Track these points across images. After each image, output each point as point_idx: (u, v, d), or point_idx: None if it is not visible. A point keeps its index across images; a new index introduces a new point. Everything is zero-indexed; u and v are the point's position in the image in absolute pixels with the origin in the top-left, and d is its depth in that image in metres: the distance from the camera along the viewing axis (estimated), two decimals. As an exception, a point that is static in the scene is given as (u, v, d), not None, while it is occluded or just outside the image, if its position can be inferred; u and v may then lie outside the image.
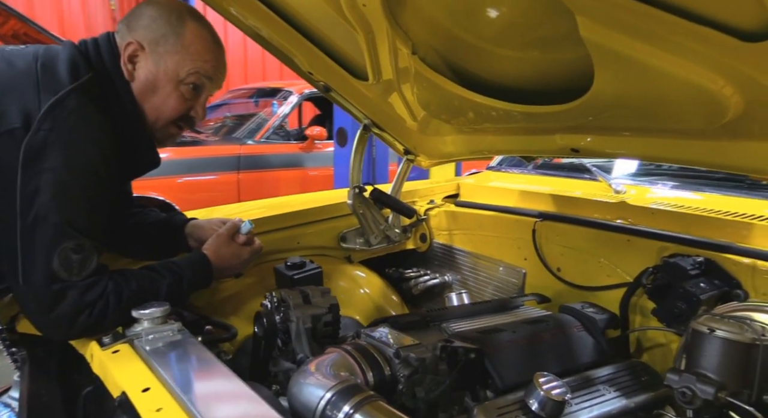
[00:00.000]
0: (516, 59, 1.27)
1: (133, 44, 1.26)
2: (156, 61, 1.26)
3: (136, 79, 1.28)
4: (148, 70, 1.27)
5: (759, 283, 1.23)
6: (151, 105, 1.29)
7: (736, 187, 1.62)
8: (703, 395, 0.88)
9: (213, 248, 1.41)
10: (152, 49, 1.26)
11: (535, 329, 1.25)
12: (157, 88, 1.28)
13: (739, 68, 0.88)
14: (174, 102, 1.30)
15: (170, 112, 1.31)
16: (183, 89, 1.29)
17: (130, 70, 1.27)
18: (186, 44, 1.27)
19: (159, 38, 1.25)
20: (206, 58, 1.30)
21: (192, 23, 1.29)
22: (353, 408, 0.89)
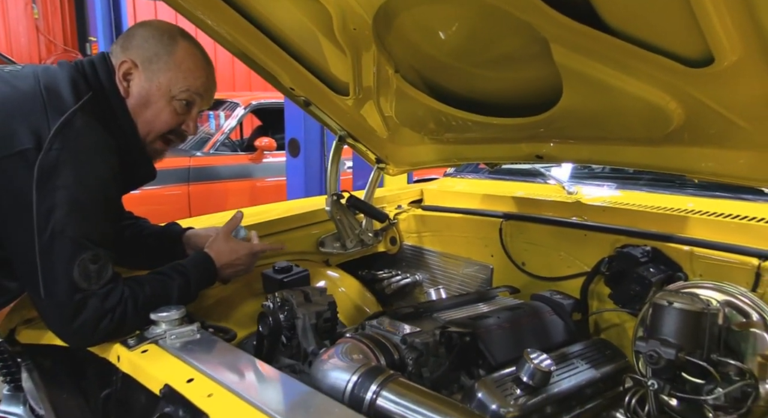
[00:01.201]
0: (489, 77, 1.44)
1: (127, 63, 1.33)
2: (149, 78, 1.33)
3: (131, 95, 1.34)
4: (141, 87, 1.34)
5: (696, 266, 1.45)
6: (144, 119, 1.36)
7: (667, 186, 1.87)
8: (667, 356, 1.07)
9: (213, 247, 1.48)
10: (145, 66, 1.33)
11: (515, 315, 1.42)
12: (150, 103, 1.35)
13: (683, 88, 1.08)
14: (166, 116, 1.37)
15: (162, 125, 1.38)
16: (175, 104, 1.35)
17: (125, 87, 1.34)
18: (178, 62, 1.34)
19: (152, 56, 1.33)
20: (197, 76, 1.38)
21: (183, 42, 1.37)
22: (380, 386, 1.01)
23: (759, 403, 1.10)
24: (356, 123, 1.87)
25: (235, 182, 4.66)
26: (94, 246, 1.18)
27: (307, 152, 4.06)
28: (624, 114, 1.26)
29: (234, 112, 4.97)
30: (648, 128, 1.27)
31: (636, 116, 1.24)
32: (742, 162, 1.24)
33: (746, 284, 1.33)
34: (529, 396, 1.15)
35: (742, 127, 1.13)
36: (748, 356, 1.13)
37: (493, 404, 1.11)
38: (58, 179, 1.16)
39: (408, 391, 1.00)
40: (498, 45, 1.32)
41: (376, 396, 0.99)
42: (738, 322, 1.17)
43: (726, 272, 1.37)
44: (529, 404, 1.14)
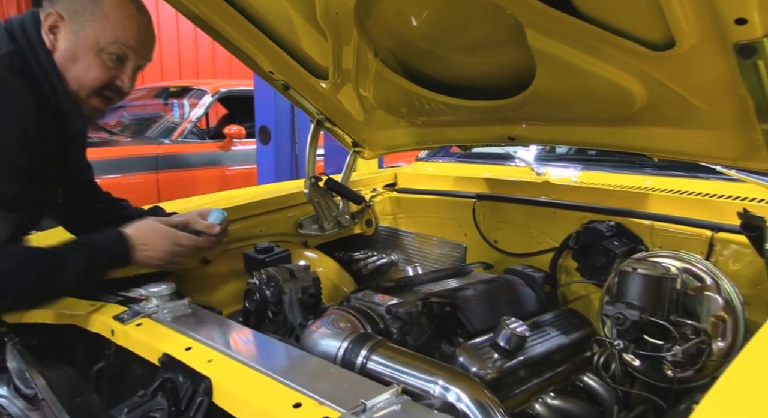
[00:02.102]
0: (464, 62, 1.50)
1: (53, 15, 1.29)
2: (75, 31, 1.29)
3: (58, 49, 1.30)
4: (68, 40, 1.29)
5: (656, 239, 1.56)
6: (73, 74, 1.31)
7: (628, 166, 1.98)
8: (632, 317, 1.16)
9: (135, 229, 1.35)
10: (72, 18, 1.29)
11: (491, 287, 1.50)
12: (78, 58, 1.30)
13: (647, 71, 1.16)
14: (96, 71, 1.31)
15: (92, 81, 1.32)
16: (104, 58, 1.31)
17: (52, 41, 1.30)
18: (105, 12, 1.29)
19: (78, 8, 1.29)
20: (127, 26, 1.32)
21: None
22: (369, 350, 1.07)
23: (712, 358, 1.21)
24: (334, 107, 1.91)
25: (204, 170, 4.64)
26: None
27: (277, 139, 4.08)
28: (592, 96, 1.34)
29: (201, 99, 4.92)
30: (613, 109, 1.35)
31: (603, 98, 1.33)
32: (699, 141, 1.35)
33: (701, 253, 1.44)
34: (505, 359, 1.23)
35: (700, 108, 1.23)
36: (702, 317, 1.24)
37: (473, 367, 1.18)
38: None
39: (396, 354, 1.06)
40: (474, 30, 1.38)
41: (366, 360, 1.05)
42: (694, 286, 1.27)
43: (683, 243, 1.48)
44: (506, 366, 1.22)
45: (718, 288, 1.26)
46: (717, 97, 1.15)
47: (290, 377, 0.88)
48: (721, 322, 1.23)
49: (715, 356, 1.21)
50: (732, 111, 1.16)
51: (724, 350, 1.22)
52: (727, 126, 1.22)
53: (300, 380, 0.87)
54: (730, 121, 1.20)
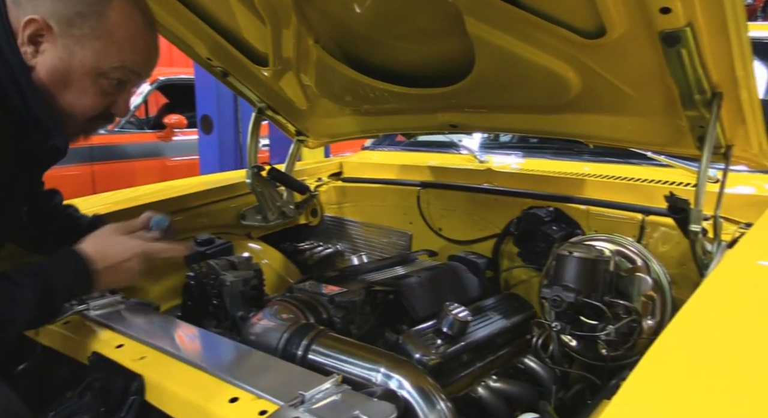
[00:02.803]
0: (406, 49, 1.50)
1: (36, 22, 0.98)
2: (68, 47, 1.00)
3: (40, 65, 1.01)
4: (57, 58, 1.00)
5: (591, 223, 1.61)
6: (62, 100, 1.03)
7: (567, 153, 2.04)
8: (568, 299, 1.19)
9: (93, 242, 1.07)
10: (64, 30, 0.99)
11: (435, 273, 1.51)
12: (70, 82, 1.02)
13: (581, 58, 1.19)
14: (91, 99, 1.05)
15: (85, 109, 1.06)
16: (103, 83, 1.04)
17: (31, 54, 1.00)
18: (110, 28, 1.01)
19: (74, 17, 0.99)
20: (136, 49, 1.06)
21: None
22: (310, 341, 1.06)
23: (642, 336, 1.26)
24: (276, 94, 1.87)
25: (143, 161, 4.47)
26: None
27: (220, 129, 3.97)
28: (529, 83, 1.36)
29: (139, 88, 4.72)
30: (550, 97, 1.38)
31: (540, 85, 1.35)
32: (631, 127, 1.40)
33: (633, 236, 1.50)
34: (448, 345, 1.24)
35: (630, 96, 1.27)
36: (634, 297, 1.29)
37: (417, 354, 1.19)
38: None
39: (338, 343, 1.06)
40: (415, 17, 1.37)
41: (307, 351, 1.03)
42: (626, 268, 1.33)
43: (616, 227, 1.54)
44: (449, 351, 1.23)
45: (648, 269, 1.31)
46: (646, 84, 1.19)
47: (227, 372, 0.86)
48: (650, 301, 1.29)
49: (646, 334, 1.27)
50: (660, 98, 1.21)
51: (653, 327, 1.28)
52: (656, 113, 1.27)
53: (237, 374, 0.85)
54: (659, 109, 1.24)
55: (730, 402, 0.61)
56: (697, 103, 1.12)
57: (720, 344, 0.74)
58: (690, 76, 1.05)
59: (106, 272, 1.05)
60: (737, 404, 0.61)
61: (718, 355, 0.71)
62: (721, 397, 0.62)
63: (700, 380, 0.66)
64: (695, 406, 0.60)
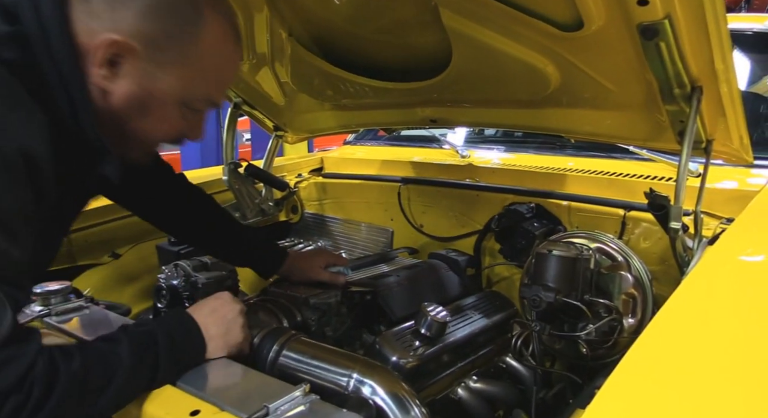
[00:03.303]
0: (384, 42, 1.46)
1: (117, 44, 0.78)
2: (150, 73, 0.82)
3: (117, 91, 0.82)
4: (136, 84, 0.82)
5: (573, 219, 1.59)
6: (136, 126, 0.86)
7: (550, 148, 2.02)
8: (547, 299, 1.17)
9: (204, 314, 0.94)
10: (149, 53, 0.81)
11: (414, 272, 1.48)
12: (148, 109, 0.85)
13: (559, 52, 1.16)
14: (168, 126, 0.89)
15: (160, 136, 0.91)
16: (184, 111, 0.88)
17: (107, 76, 0.80)
18: (201, 53, 0.84)
19: (161, 39, 0.81)
20: (225, 76, 0.92)
21: (212, 16, 0.84)
22: (281, 346, 1.02)
23: (624, 335, 1.24)
24: (252, 89, 1.82)
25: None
26: None
27: (201, 123, 3.90)
28: (508, 77, 1.33)
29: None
30: (530, 91, 1.35)
31: (519, 79, 1.32)
32: (612, 122, 1.37)
33: (614, 232, 1.48)
34: (427, 346, 1.21)
35: (611, 90, 1.24)
36: (614, 295, 1.27)
37: (394, 356, 1.15)
38: None
39: (310, 348, 1.02)
40: (392, 10, 1.34)
41: (276, 355, 1.00)
42: (607, 265, 1.30)
43: (598, 223, 1.52)
44: (427, 353, 1.20)
45: (629, 266, 1.29)
46: (626, 78, 1.17)
47: (190, 382, 0.82)
48: (631, 299, 1.26)
49: (627, 333, 1.25)
50: (640, 93, 1.18)
51: (634, 326, 1.26)
52: (636, 107, 1.25)
53: (200, 385, 0.81)
54: (639, 103, 1.22)
55: (712, 403, 0.59)
56: (676, 98, 1.09)
57: (700, 344, 0.71)
58: (669, 69, 1.02)
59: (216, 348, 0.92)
60: (718, 405, 0.58)
61: (698, 355, 0.69)
62: (702, 398, 0.60)
63: (679, 383, 0.63)
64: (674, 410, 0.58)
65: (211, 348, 0.90)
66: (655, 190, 1.17)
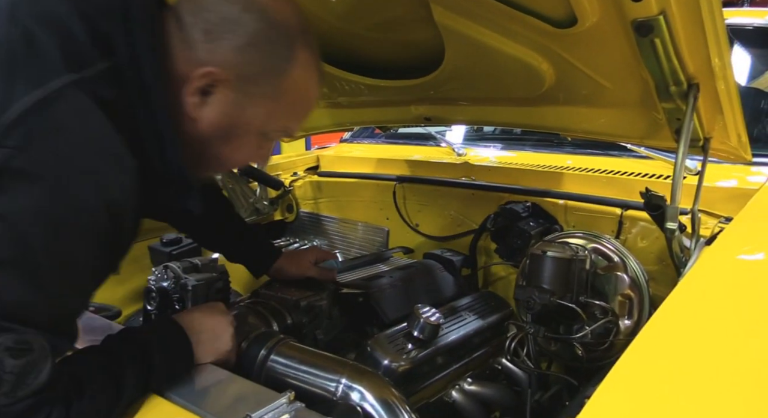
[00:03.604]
0: (379, 40, 1.43)
1: (213, 74, 0.80)
2: (239, 104, 0.83)
3: (204, 118, 0.83)
4: (224, 113, 0.83)
5: (570, 218, 1.57)
6: (216, 151, 0.88)
7: (548, 146, 1.99)
8: (541, 301, 1.15)
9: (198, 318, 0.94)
10: (241, 86, 0.82)
11: (408, 273, 1.46)
12: (230, 137, 0.86)
13: (553, 49, 1.14)
14: (245, 153, 0.92)
15: (235, 163, 0.97)
16: (260, 140, 0.90)
17: (196, 104, 0.82)
18: (289, 88, 0.86)
19: (254, 72, 0.82)
20: (306, 111, 0.93)
21: (303, 54, 0.86)
22: (269, 351, 1.00)
23: (620, 337, 1.22)
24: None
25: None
26: (26, 327, 0.64)
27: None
28: (502, 75, 1.30)
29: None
30: (524, 89, 1.33)
31: (513, 77, 1.30)
32: (607, 120, 1.35)
33: (611, 231, 1.46)
34: (419, 349, 1.20)
35: (606, 88, 1.22)
36: (611, 296, 1.25)
37: (385, 360, 1.14)
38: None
39: (298, 353, 1.01)
40: (386, 7, 1.31)
41: (264, 360, 0.98)
42: (603, 266, 1.28)
43: (595, 222, 1.50)
44: (419, 356, 1.19)
45: (625, 267, 1.27)
46: (621, 76, 1.14)
47: (172, 390, 0.80)
48: (627, 300, 1.25)
49: (623, 335, 1.23)
50: (636, 90, 1.15)
51: (630, 327, 1.24)
52: (632, 105, 1.22)
53: (182, 392, 0.80)
54: (635, 101, 1.19)
55: (708, 408, 0.57)
56: (673, 95, 1.07)
57: (696, 348, 0.69)
58: (665, 67, 1.00)
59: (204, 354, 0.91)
60: (716, 410, 0.56)
61: (695, 359, 0.67)
62: (699, 404, 0.58)
63: (674, 389, 0.61)
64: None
65: (199, 354, 0.89)
66: (651, 189, 1.15)
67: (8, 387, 0.62)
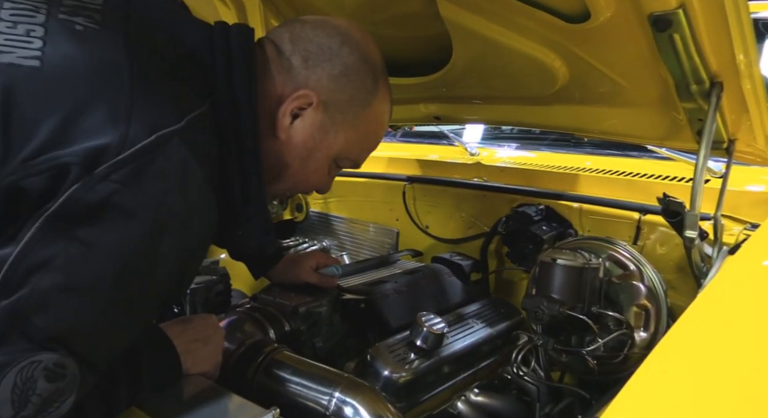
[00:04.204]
0: (387, 36, 1.38)
1: (308, 96, 0.86)
2: (324, 128, 0.88)
3: (289, 138, 0.88)
4: (310, 136, 0.88)
5: (585, 222, 1.50)
6: (289, 174, 0.91)
7: (564, 145, 1.92)
8: (550, 312, 1.09)
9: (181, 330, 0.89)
10: (330, 113, 0.88)
11: (414, 278, 1.41)
12: (309, 160, 0.90)
13: (565, 45, 1.07)
14: (317, 178, 0.95)
15: (308, 186, 0.98)
16: (331, 166, 0.95)
17: (285, 127, 0.87)
18: (368, 119, 0.92)
19: (345, 102, 0.88)
20: (376, 144, 0.99)
21: (383, 89, 0.94)
22: (261, 361, 0.97)
23: (635, 350, 1.16)
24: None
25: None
26: (73, 354, 0.63)
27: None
28: (513, 73, 1.24)
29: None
30: (536, 87, 1.26)
31: (524, 75, 1.24)
32: (625, 120, 1.28)
33: (629, 237, 1.39)
34: (422, 359, 1.15)
35: (623, 86, 1.15)
36: (625, 306, 1.18)
37: (386, 370, 1.09)
38: (82, 228, 0.63)
39: (292, 363, 0.97)
40: (396, 3, 1.27)
41: (256, 371, 0.95)
42: (618, 274, 1.22)
43: (611, 227, 1.42)
44: (422, 367, 1.14)
45: (642, 276, 1.20)
46: (638, 74, 1.07)
47: (155, 404, 0.77)
48: (643, 311, 1.18)
49: (638, 348, 1.17)
50: (655, 89, 1.08)
51: (646, 340, 1.18)
52: (651, 105, 1.15)
53: (164, 407, 0.76)
54: (654, 100, 1.12)
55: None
56: (694, 95, 1.00)
57: (717, 364, 0.63)
58: (685, 64, 0.93)
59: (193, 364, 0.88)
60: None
61: (715, 375, 0.61)
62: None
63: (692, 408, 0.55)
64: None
65: (187, 366, 0.86)
66: (669, 195, 1.08)
67: (32, 411, 0.60)
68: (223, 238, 0.95)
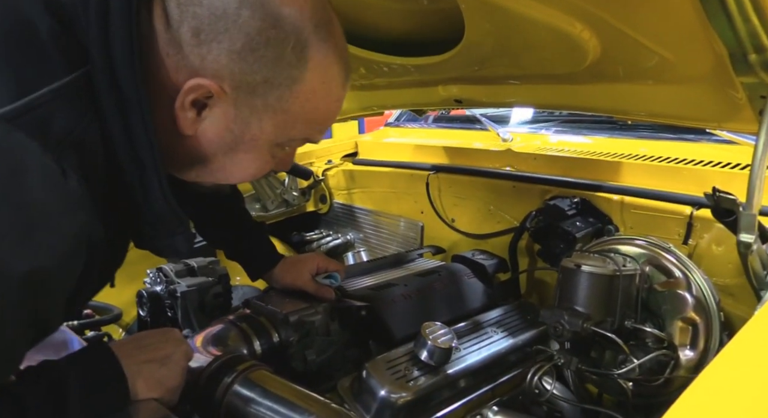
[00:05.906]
0: (395, 10, 1.24)
1: (209, 86, 0.66)
2: (243, 119, 0.70)
3: (200, 135, 0.71)
4: (225, 129, 0.71)
5: (627, 217, 1.31)
6: (216, 167, 0.76)
7: (610, 128, 1.71)
8: (572, 328, 0.93)
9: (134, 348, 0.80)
10: (241, 98, 0.69)
11: (427, 281, 1.28)
12: (235, 152, 0.74)
13: (594, 12, 0.90)
14: (256, 168, 0.77)
15: (243, 177, 0.79)
16: (274, 150, 0.77)
17: (189, 121, 0.69)
18: (300, 98, 0.70)
19: (258, 85, 0.68)
20: (329, 118, 0.77)
21: (318, 55, 0.70)
22: (232, 381, 0.86)
23: (679, 372, 0.98)
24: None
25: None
26: None
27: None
28: (536, 47, 1.07)
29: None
30: (564, 63, 1.09)
31: (549, 49, 1.06)
32: (671, 100, 1.08)
33: (678, 235, 1.19)
34: (427, 376, 1.01)
35: (666, 59, 0.96)
36: (668, 319, 1.00)
37: (382, 390, 0.97)
38: None
39: (265, 384, 0.86)
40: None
41: (225, 392, 0.85)
42: (660, 281, 1.03)
43: (658, 223, 1.23)
44: (426, 385, 1.00)
45: (689, 284, 1.02)
46: (684, 44, 0.88)
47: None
48: (690, 326, 1.00)
49: (683, 369, 0.99)
50: (704, 62, 0.89)
51: (694, 360, 0.99)
52: (702, 81, 0.95)
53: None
54: (705, 75, 0.93)
55: None
56: (754, 66, 0.80)
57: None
58: (740, 29, 0.74)
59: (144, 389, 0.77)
60: None
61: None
62: None
63: None
64: None
65: (138, 389, 0.75)
66: (719, 189, 0.89)
67: None
68: (142, 241, 0.78)
